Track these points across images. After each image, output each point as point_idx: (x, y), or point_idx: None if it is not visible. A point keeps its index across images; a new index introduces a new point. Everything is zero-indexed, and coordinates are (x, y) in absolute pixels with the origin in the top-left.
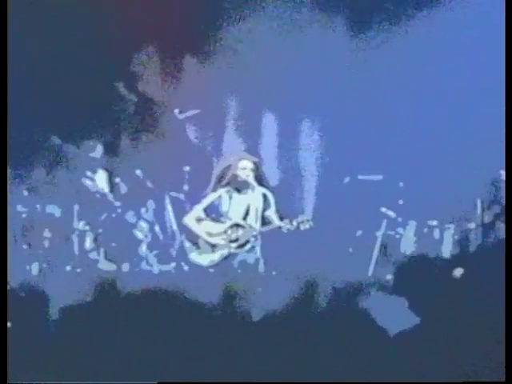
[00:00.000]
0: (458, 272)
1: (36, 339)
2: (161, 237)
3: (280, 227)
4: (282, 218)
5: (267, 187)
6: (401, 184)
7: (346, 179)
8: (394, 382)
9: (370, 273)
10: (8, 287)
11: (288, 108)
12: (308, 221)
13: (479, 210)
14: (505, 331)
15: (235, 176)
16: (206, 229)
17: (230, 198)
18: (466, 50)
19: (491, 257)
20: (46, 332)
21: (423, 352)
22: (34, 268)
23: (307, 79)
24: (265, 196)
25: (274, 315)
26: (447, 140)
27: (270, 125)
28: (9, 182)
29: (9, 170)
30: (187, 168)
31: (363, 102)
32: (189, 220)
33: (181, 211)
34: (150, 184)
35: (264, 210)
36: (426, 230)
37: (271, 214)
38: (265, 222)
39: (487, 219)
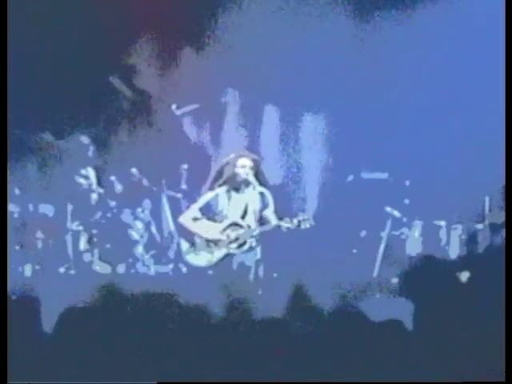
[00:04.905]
0: (465, 276)
1: (29, 341)
2: (157, 237)
3: (279, 226)
4: (281, 218)
5: (265, 186)
6: (407, 182)
7: (350, 177)
8: (395, 381)
9: (375, 274)
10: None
11: (290, 104)
12: (308, 219)
13: (487, 210)
14: (505, 331)
15: (234, 174)
16: (202, 228)
17: (229, 197)
18: (473, 48)
19: (497, 258)
20: (40, 334)
21: (424, 352)
22: (27, 269)
23: (310, 74)
24: (262, 195)
25: (275, 317)
26: (455, 136)
27: (270, 121)
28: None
29: None
30: (185, 166)
31: (367, 98)
32: (185, 219)
33: (178, 211)
34: (146, 183)
35: (262, 209)
36: (432, 230)
37: (269, 213)
38: (263, 221)
39: (496, 219)
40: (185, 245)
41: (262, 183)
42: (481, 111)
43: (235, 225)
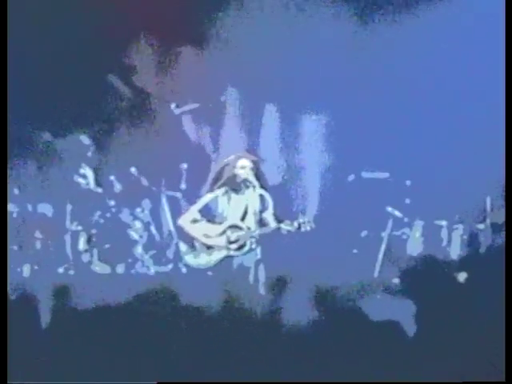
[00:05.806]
0: (462, 276)
1: (29, 341)
2: (157, 237)
3: (279, 229)
4: (281, 219)
5: (265, 188)
6: (407, 182)
7: (350, 177)
8: (395, 381)
9: (376, 275)
10: None
11: (290, 103)
12: (309, 222)
13: (489, 210)
14: (505, 331)
15: (234, 176)
16: (202, 230)
17: (229, 198)
18: (473, 48)
19: (499, 258)
20: (39, 334)
21: (424, 352)
22: (25, 270)
23: (310, 74)
24: (262, 197)
25: (275, 318)
26: (455, 136)
27: (270, 120)
28: None
29: None
30: (185, 165)
31: (368, 97)
32: (184, 221)
33: (178, 210)
34: (145, 182)
35: (261, 211)
36: (433, 230)
37: (268, 215)
38: (263, 222)
39: (497, 219)
40: (183, 246)
41: (262, 184)
42: (481, 111)
43: (235, 227)
